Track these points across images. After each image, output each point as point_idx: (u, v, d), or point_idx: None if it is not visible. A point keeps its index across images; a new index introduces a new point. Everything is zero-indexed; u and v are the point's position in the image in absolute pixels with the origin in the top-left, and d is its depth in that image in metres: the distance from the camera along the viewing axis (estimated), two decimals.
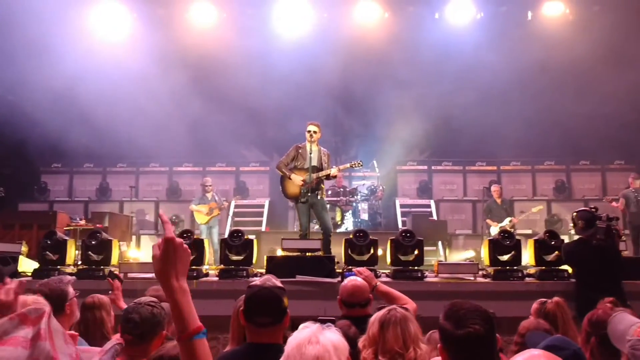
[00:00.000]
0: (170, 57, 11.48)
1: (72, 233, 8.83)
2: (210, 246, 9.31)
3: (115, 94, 11.06)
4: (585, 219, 5.48)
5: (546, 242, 6.15)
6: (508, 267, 6.17)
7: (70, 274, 5.95)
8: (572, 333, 3.46)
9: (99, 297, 3.66)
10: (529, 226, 11.19)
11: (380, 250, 6.42)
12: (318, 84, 11.72)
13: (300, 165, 7.15)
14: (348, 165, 7.62)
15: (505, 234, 6.40)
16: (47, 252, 6.33)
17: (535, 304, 3.92)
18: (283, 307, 2.40)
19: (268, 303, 2.36)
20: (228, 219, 11.48)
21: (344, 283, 3.58)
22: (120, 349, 2.59)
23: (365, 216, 11.64)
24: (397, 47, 11.91)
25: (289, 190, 7.18)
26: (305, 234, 7.04)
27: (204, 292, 5.79)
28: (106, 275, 5.86)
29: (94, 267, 6.24)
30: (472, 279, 6.19)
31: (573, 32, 11.62)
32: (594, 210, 5.57)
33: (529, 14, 12.45)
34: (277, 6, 12.21)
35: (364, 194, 11.77)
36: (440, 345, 2.01)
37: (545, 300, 3.87)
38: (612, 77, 10.41)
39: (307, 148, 7.08)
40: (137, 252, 10.14)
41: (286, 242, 6.53)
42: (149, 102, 11.11)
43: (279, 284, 2.47)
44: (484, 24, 12.14)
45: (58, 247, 6.39)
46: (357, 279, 3.59)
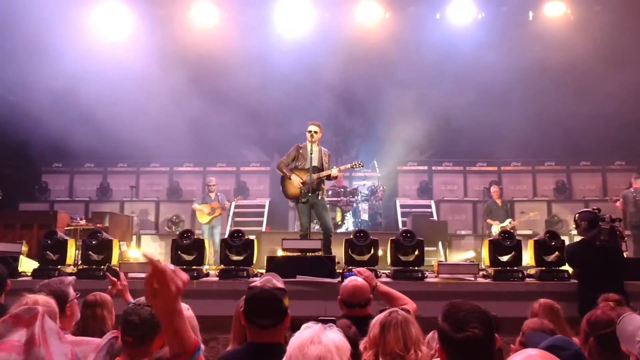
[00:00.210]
0: (171, 57, 11.49)
1: (73, 233, 8.82)
2: (212, 246, 9.32)
3: (116, 94, 11.06)
4: (589, 220, 5.48)
5: (546, 243, 6.16)
6: (508, 268, 6.17)
7: (71, 274, 5.95)
8: (563, 334, 3.45)
9: (101, 295, 3.65)
10: (529, 227, 11.19)
11: (380, 251, 6.42)
12: (319, 84, 11.73)
13: (301, 166, 7.15)
14: (349, 165, 7.60)
15: (506, 234, 6.40)
16: (48, 252, 6.34)
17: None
18: (283, 309, 2.39)
19: (268, 305, 2.36)
20: (228, 219, 11.48)
21: (345, 283, 3.58)
22: (116, 343, 2.58)
23: (365, 216, 11.65)
24: (398, 48, 11.90)
25: (290, 190, 7.18)
26: (305, 234, 7.05)
27: (204, 292, 5.79)
28: (105, 270, 5.85)
29: (94, 267, 6.24)
30: (473, 279, 6.19)
31: (574, 32, 11.61)
32: (596, 211, 5.57)
33: (530, 14, 12.45)
34: (278, 6, 12.21)
35: (365, 194, 11.77)
36: (438, 346, 2.01)
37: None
38: (613, 78, 10.40)
39: (308, 148, 7.08)
40: (137, 252, 10.12)
41: (287, 242, 6.53)
42: (149, 102, 11.12)
43: (279, 285, 2.46)
44: (485, 24, 12.13)
45: (58, 246, 6.40)
46: (358, 279, 3.59)
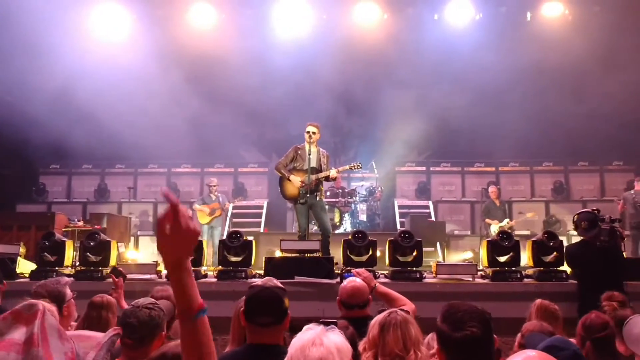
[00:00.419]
0: (169, 58, 11.47)
1: (71, 234, 8.79)
2: (212, 247, 9.31)
3: (114, 95, 11.04)
4: (589, 220, 5.49)
5: (545, 243, 6.15)
6: (506, 268, 6.17)
7: (68, 275, 5.93)
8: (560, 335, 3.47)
9: (107, 297, 3.65)
10: (527, 227, 11.20)
11: (378, 252, 6.42)
12: (317, 85, 11.72)
13: (300, 167, 7.14)
14: (347, 167, 7.61)
15: (504, 235, 6.40)
16: (45, 253, 6.32)
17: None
18: (284, 308, 2.40)
19: (269, 303, 2.37)
20: (227, 220, 11.48)
21: (343, 284, 3.57)
22: (118, 340, 2.57)
23: (363, 217, 11.64)
24: (397, 48, 11.92)
25: (288, 191, 7.17)
26: (304, 235, 7.03)
27: (202, 293, 5.65)
28: (109, 272, 5.83)
29: (92, 268, 6.23)
30: (471, 279, 6.19)
31: (572, 32, 11.62)
32: (596, 211, 5.58)
33: (528, 15, 12.45)
34: (276, 7, 12.21)
35: (363, 195, 11.77)
36: (437, 347, 2.00)
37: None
38: (611, 78, 10.42)
39: (307, 149, 7.07)
40: (135, 253, 10.11)
41: (285, 243, 6.52)
42: (147, 103, 11.10)
43: (279, 285, 2.48)
44: (483, 25, 12.15)
45: (56, 248, 6.38)
46: (356, 280, 3.58)
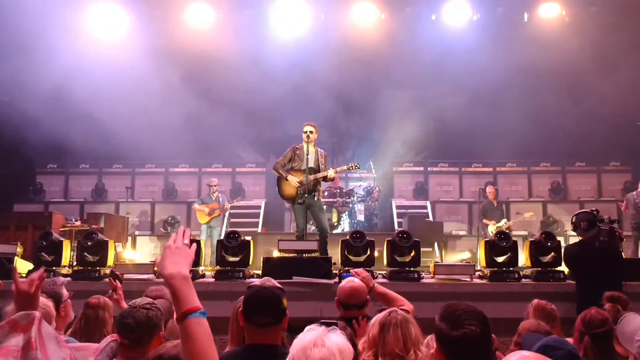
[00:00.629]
0: (167, 58, 11.45)
1: (68, 234, 8.78)
2: (209, 247, 9.30)
3: (111, 94, 11.02)
4: (588, 220, 5.50)
5: (542, 244, 6.16)
6: (504, 269, 6.18)
7: (66, 275, 5.93)
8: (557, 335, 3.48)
9: (104, 298, 3.66)
10: (524, 227, 11.22)
11: (376, 252, 6.42)
12: (315, 85, 11.72)
13: (298, 167, 7.14)
14: (345, 167, 7.62)
15: (502, 235, 6.40)
16: (43, 253, 6.31)
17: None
18: (282, 308, 2.40)
19: (268, 303, 2.36)
20: (224, 220, 11.47)
21: (342, 284, 3.57)
22: (116, 346, 2.57)
23: (361, 217, 11.64)
24: (394, 49, 11.93)
25: (286, 191, 7.17)
26: (301, 235, 7.03)
27: (199, 293, 5.68)
28: (107, 274, 5.85)
29: (89, 268, 6.21)
30: (469, 280, 6.20)
31: (569, 33, 11.67)
32: (595, 212, 5.60)
33: (525, 16, 12.48)
34: (274, 7, 12.20)
35: (361, 195, 11.77)
36: (436, 347, 2.01)
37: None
38: (608, 78, 10.45)
39: (305, 149, 7.07)
40: (132, 253, 10.09)
41: (283, 243, 6.51)
42: (145, 103, 11.09)
43: (278, 285, 2.48)
44: (481, 26, 12.17)
45: (53, 248, 6.36)
46: (355, 280, 3.58)
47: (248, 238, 6.64)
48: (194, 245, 1.84)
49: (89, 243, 6.32)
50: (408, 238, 6.24)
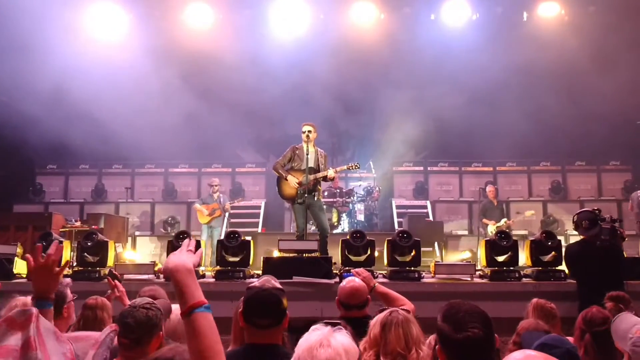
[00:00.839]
0: (167, 58, 11.45)
1: (68, 234, 8.78)
2: (210, 247, 9.30)
3: (111, 95, 11.01)
4: (589, 219, 5.51)
5: (543, 243, 6.16)
6: (505, 268, 6.17)
7: (66, 276, 5.91)
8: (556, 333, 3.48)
9: (102, 299, 3.68)
10: (524, 227, 11.22)
11: (376, 252, 6.41)
12: (314, 85, 11.72)
13: (297, 167, 7.14)
14: (345, 167, 7.62)
15: (502, 234, 6.40)
16: (42, 254, 6.28)
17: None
18: (282, 309, 2.38)
19: (267, 305, 2.35)
20: (225, 221, 11.47)
21: (342, 284, 3.56)
22: (115, 336, 2.56)
23: (361, 217, 11.64)
24: (394, 48, 11.93)
25: (286, 191, 7.17)
26: (301, 235, 7.02)
27: None
28: (106, 274, 5.84)
29: (89, 268, 6.20)
30: (469, 279, 6.19)
31: (568, 33, 11.67)
32: (596, 211, 5.60)
33: (524, 15, 12.48)
34: (274, 7, 12.19)
35: (360, 195, 11.77)
36: (438, 347, 2.00)
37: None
38: (607, 78, 10.45)
39: (304, 149, 7.07)
40: (132, 253, 10.09)
41: (283, 243, 6.50)
42: (145, 103, 11.09)
43: (278, 285, 2.47)
44: (480, 25, 12.16)
45: None
46: (355, 280, 3.57)
47: (248, 238, 6.64)
48: (200, 250, 1.86)
49: (89, 243, 6.32)
50: (408, 238, 6.24)
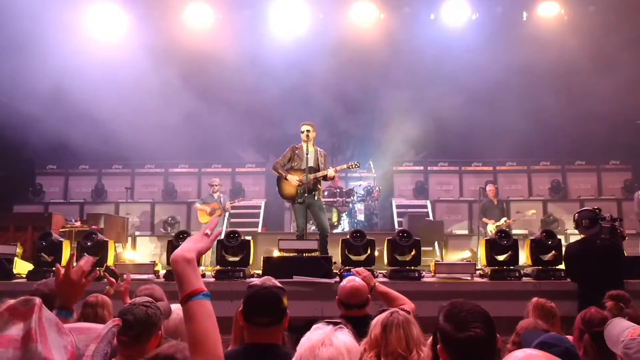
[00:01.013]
0: (166, 58, 11.45)
1: (68, 235, 8.77)
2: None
3: (111, 95, 11.00)
4: (590, 218, 5.51)
5: (543, 242, 6.16)
6: (505, 267, 6.17)
7: None
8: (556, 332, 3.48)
9: (102, 296, 3.67)
10: (524, 226, 11.22)
11: (376, 251, 6.41)
12: (314, 85, 11.72)
13: (297, 166, 7.14)
14: (345, 166, 7.62)
15: (502, 233, 6.40)
16: (42, 254, 6.30)
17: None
18: (282, 308, 2.39)
19: (268, 303, 2.35)
20: (224, 221, 11.47)
21: (343, 284, 3.56)
22: (117, 330, 2.56)
23: (361, 217, 11.64)
24: (393, 48, 11.93)
25: (286, 191, 7.17)
26: (302, 234, 7.02)
27: None
28: (104, 271, 5.84)
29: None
30: (469, 278, 6.20)
31: (568, 32, 11.67)
32: (597, 210, 5.60)
33: (524, 15, 12.48)
34: (273, 7, 12.19)
35: (360, 194, 11.77)
36: (439, 346, 1.99)
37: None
38: (607, 77, 10.45)
39: (304, 148, 7.08)
40: (132, 253, 10.09)
41: (283, 243, 6.51)
42: (144, 103, 11.08)
43: (278, 285, 2.47)
44: (479, 25, 12.16)
45: (53, 248, 6.35)
46: (356, 280, 3.57)
47: (248, 238, 6.64)
48: (219, 231, 1.87)
49: (89, 243, 6.32)
50: (408, 237, 6.24)
